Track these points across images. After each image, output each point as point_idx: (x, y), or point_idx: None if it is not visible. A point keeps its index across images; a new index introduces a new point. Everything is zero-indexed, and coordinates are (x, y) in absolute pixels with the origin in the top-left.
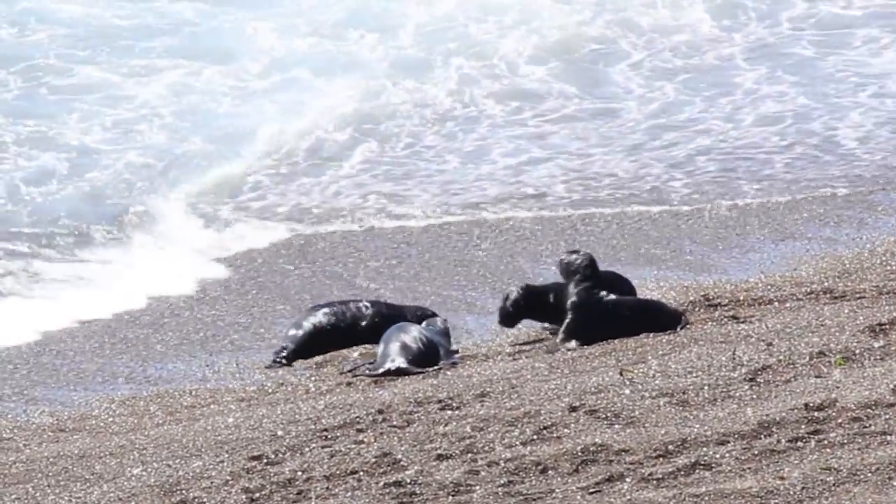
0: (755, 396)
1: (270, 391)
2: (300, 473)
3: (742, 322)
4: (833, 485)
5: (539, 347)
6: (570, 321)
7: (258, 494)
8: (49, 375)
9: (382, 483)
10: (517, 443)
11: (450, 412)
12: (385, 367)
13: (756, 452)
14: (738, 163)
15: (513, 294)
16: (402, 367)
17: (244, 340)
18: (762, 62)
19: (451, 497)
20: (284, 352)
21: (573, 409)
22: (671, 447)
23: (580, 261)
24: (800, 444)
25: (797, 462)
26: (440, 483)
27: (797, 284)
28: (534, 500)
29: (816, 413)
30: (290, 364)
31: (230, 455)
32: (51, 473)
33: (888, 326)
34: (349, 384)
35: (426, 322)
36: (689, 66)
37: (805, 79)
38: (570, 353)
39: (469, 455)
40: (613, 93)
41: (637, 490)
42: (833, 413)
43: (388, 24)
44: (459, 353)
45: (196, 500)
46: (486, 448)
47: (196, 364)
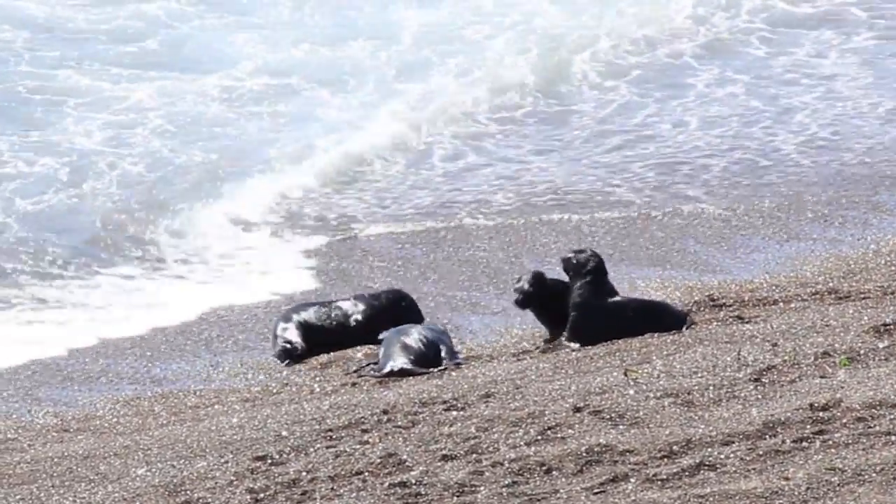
0: (760, 397)
1: (275, 392)
2: (305, 474)
3: (747, 322)
4: (838, 485)
5: (544, 348)
6: (575, 321)
7: (263, 495)
8: (52, 375)
9: (387, 483)
10: (522, 443)
11: (455, 413)
12: (388, 368)
13: (761, 453)
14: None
15: (524, 279)
16: (405, 368)
17: (248, 340)
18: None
19: (456, 497)
20: (297, 351)
21: (577, 410)
22: (676, 448)
23: (589, 260)
24: (805, 445)
25: (802, 462)
26: (445, 483)
27: (802, 285)
28: (538, 501)
29: (821, 413)
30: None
31: (234, 455)
32: (55, 474)
33: (893, 327)
34: (354, 385)
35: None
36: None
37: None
38: (575, 354)
39: (474, 455)
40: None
41: (641, 490)
42: (838, 413)
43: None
44: (463, 354)
45: (200, 501)
46: (491, 448)
47: (200, 364)
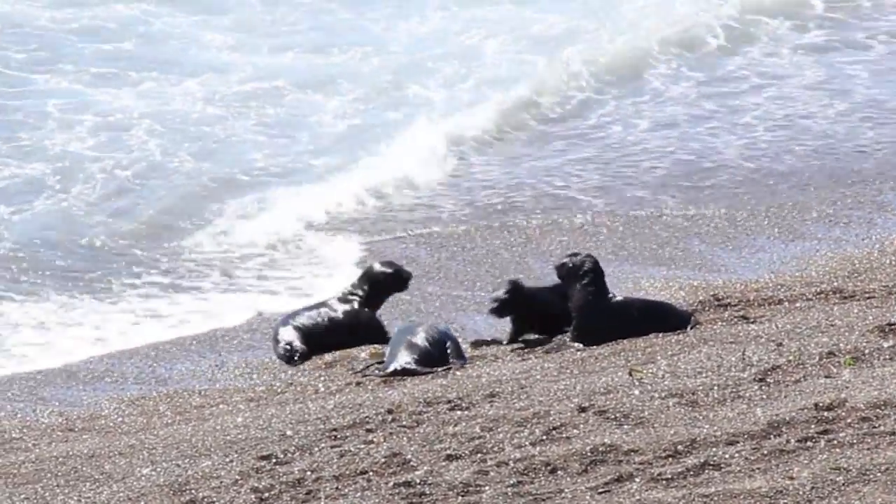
0: (765, 396)
1: (279, 391)
2: (309, 473)
3: (752, 322)
4: (843, 485)
5: (548, 348)
6: (580, 321)
7: (267, 494)
8: (57, 375)
9: (392, 483)
10: (526, 443)
11: (459, 412)
12: (392, 368)
13: (766, 452)
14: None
15: (503, 289)
16: (409, 368)
17: (253, 340)
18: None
19: (461, 497)
20: (297, 354)
21: (582, 410)
22: (680, 447)
23: (585, 262)
24: (809, 444)
25: (807, 462)
26: (449, 483)
27: (807, 284)
28: (543, 501)
29: (826, 413)
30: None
31: (239, 455)
32: (60, 473)
33: None
34: (358, 384)
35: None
36: None
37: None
38: (579, 354)
39: (478, 455)
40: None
41: (646, 490)
42: (843, 413)
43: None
44: (469, 352)
45: (205, 500)
46: (496, 448)
47: (205, 364)
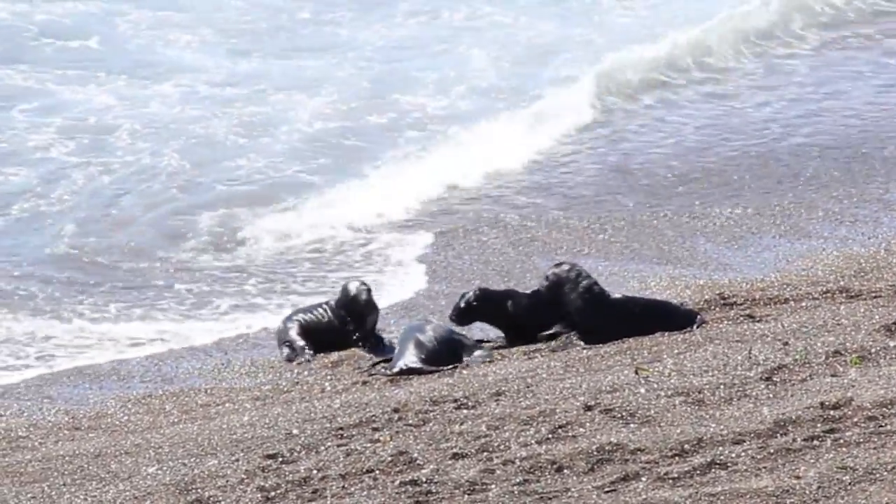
0: (771, 395)
1: (285, 390)
2: (316, 472)
3: (758, 321)
4: (849, 484)
5: (554, 347)
6: (585, 321)
7: (273, 493)
8: (64, 374)
9: (398, 482)
10: (532, 442)
11: (465, 411)
12: (397, 368)
13: (772, 451)
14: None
15: (468, 294)
16: (414, 368)
17: (258, 339)
18: None
19: (467, 496)
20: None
21: (588, 408)
22: (687, 446)
23: (574, 267)
24: (816, 443)
25: (813, 461)
26: (456, 482)
27: (813, 283)
28: (549, 499)
29: (832, 412)
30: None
31: (245, 454)
32: (66, 472)
33: None
34: (364, 383)
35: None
36: None
37: None
38: (585, 353)
39: (485, 454)
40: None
41: (652, 489)
42: (849, 412)
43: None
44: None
45: (211, 499)
46: (502, 447)
47: (211, 363)
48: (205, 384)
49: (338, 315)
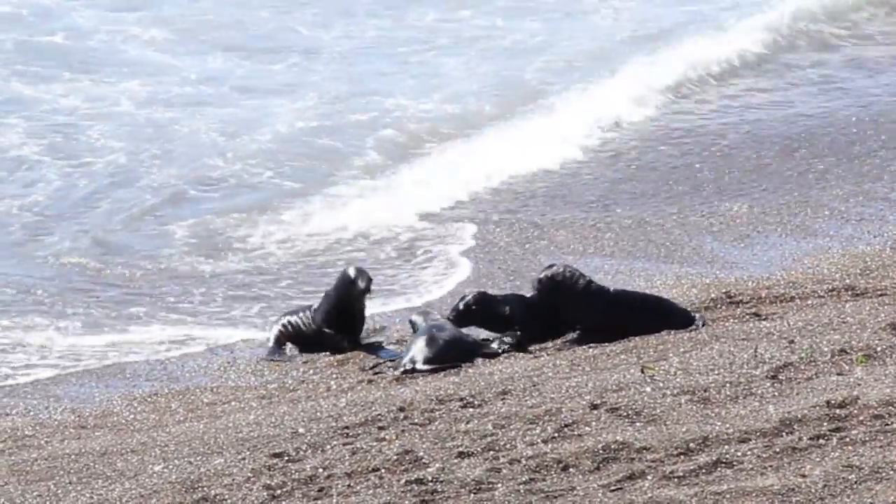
0: (777, 394)
1: (291, 388)
2: (321, 471)
3: (764, 319)
4: (855, 482)
5: (559, 345)
6: (589, 319)
7: (279, 491)
8: (70, 373)
9: (404, 480)
10: (538, 440)
11: (471, 410)
12: (402, 369)
13: (778, 450)
14: None
15: (468, 297)
16: (419, 369)
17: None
18: None
19: (473, 494)
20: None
21: (594, 407)
22: (692, 445)
23: (568, 267)
24: (821, 442)
25: (819, 460)
26: (462, 481)
27: (819, 282)
28: (555, 498)
29: (838, 410)
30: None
31: (251, 452)
32: (72, 470)
33: None
34: (370, 382)
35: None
36: None
37: None
38: (591, 351)
39: (490, 453)
40: None
41: (658, 488)
42: (855, 410)
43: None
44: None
45: (217, 497)
46: (508, 446)
47: (217, 361)
48: (210, 383)
49: (326, 314)
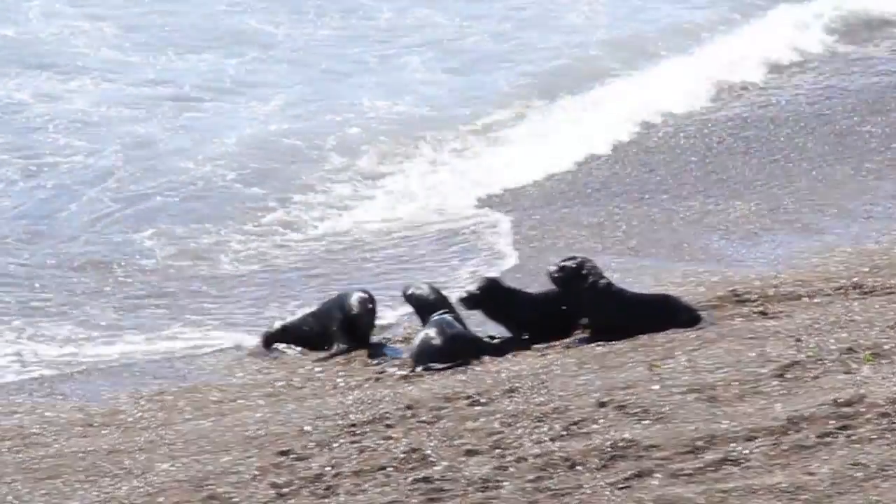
0: (784, 392)
1: (298, 387)
2: (329, 469)
3: (771, 318)
4: (862, 480)
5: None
6: (599, 316)
7: (286, 490)
8: (77, 371)
9: (411, 479)
10: (546, 438)
11: (478, 408)
12: (412, 368)
13: (785, 448)
14: None
15: (478, 283)
16: (431, 367)
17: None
18: None
19: (480, 493)
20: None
21: (602, 405)
22: (700, 443)
23: (586, 263)
24: (829, 440)
25: (826, 458)
26: (469, 479)
27: (826, 280)
28: (562, 496)
29: (845, 409)
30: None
31: (258, 450)
32: (79, 468)
33: None
34: (377, 380)
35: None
36: None
37: None
38: (599, 349)
39: (498, 451)
40: None
41: (666, 486)
42: (862, 409)
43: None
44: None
45: (225, 495)
46: (515, 444)
47: (224, 359)
48: (218, 381)
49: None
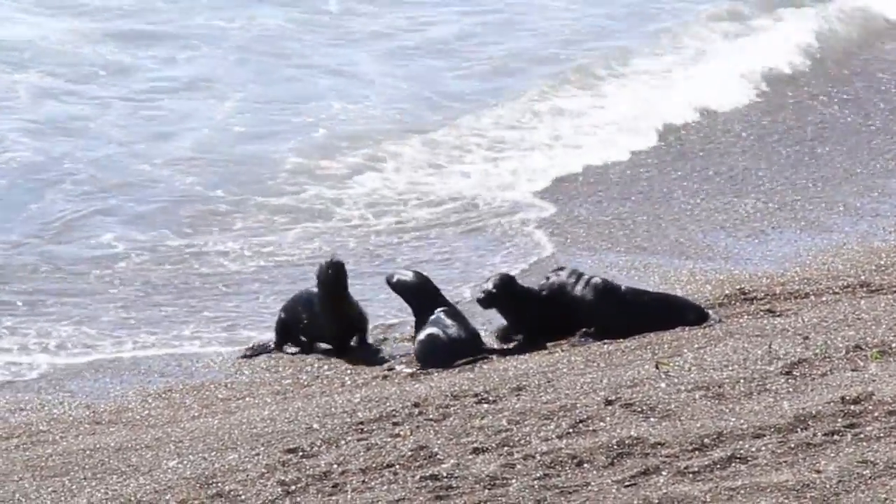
0: (791, 390)
1: (306, 384)
2: (336, 466)
3: (778, 316)
4: (869, 478)
5: (573, 342)
6: (597, 312)
7: (294, 487)
8: (84, 368)
9: (419, 476)
10: (553, 436)
11: (486, 405)
12: (416, 368)
13: (792, 446)
14: None
15: (493, 280)
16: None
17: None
18: None
19: (487, 490)
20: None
21: (609, 403)
22: (707, 440)
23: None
24: (836, 438)
25: (833, 455)
26: (476, 476)
27: (833, 278)
28: (569, 494)
29: (853, 406)
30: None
31: (266, 448)
32: (87, 466)
33: None
34: (385, 377)
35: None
36: None
37: None
38: (606, 347)
39: (505, 448)
40: None
41: (673, 483)
42: (869, 406)
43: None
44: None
45: (232, 493)
46: (523, 441)
47: (231, 357)
48: (225, 378)
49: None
